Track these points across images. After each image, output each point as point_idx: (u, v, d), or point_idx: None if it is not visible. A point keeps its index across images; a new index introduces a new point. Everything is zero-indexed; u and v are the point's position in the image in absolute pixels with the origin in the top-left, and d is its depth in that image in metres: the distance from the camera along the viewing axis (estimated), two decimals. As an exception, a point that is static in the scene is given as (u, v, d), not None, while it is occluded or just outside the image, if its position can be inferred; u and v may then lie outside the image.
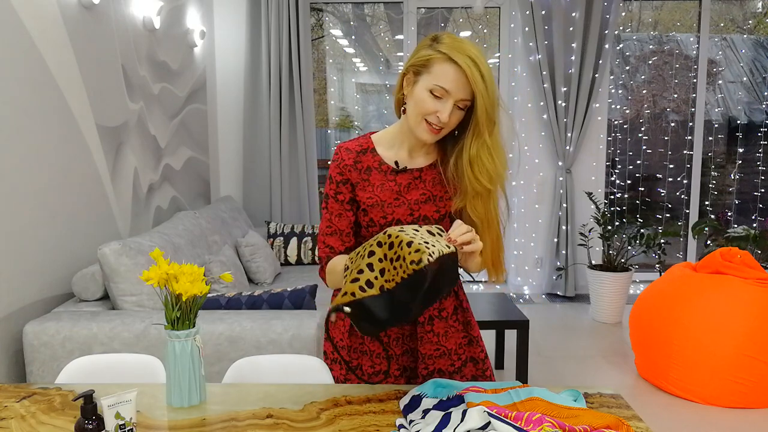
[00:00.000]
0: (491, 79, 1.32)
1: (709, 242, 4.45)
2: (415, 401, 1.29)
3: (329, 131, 5.29)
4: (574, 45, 4.62)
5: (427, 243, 1.17)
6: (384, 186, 1.44)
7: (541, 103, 4.74)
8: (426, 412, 1.23)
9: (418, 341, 1.50)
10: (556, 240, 4.85)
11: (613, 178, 5.19)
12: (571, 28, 4.63)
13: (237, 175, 4.91)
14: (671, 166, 5.20)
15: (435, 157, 1.48)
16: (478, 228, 1.41)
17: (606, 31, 4.62)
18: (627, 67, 5.30)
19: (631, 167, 5.21)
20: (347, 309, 1.16)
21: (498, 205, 1.42)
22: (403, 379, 1.52)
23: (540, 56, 4.62)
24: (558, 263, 4.86)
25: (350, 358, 1.51)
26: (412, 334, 1.51)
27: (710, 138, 5.16)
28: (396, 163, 1.45)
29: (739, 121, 5.34)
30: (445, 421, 1.15)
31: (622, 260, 4.28)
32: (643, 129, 5.20)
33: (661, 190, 5.25)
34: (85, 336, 2.22)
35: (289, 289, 2.51)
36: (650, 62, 5.23)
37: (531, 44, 4.65)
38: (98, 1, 2.76)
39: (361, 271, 1.18)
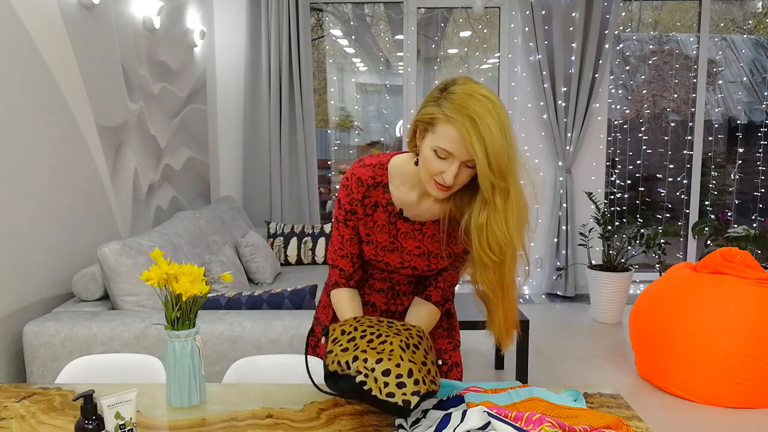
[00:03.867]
0: (497, 138, 1.17)
1: (709, 242, 4.45)
2: (415, 401, 1.29)
3: (329, 131, 5.29)
4: (574, 45, 4.62)
5: (416, 380, 1.15)
6: (384, 228, 1.42)
7: (541, 103, 4.74)
8: (426, 411, 1.23)
9: None
10: (556, 240, 4.85)
11: (613, 178, 5.19)
12: (571, 28, 4.63)
13: (237, 175, 4.91)
14: (671, 166, 5.20)
15: (443, 210, 1.39)
16: (490, 299, 1.33)
17: (606, 31, 4.62)
18: (627, 67, 5.30)
19: (631, 167, 5.21)
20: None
21: (514, 267, 1.31)
22: None
23: (540, 56, 4.62)
24: (558, 263, 4.86)
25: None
26: None
27: (710, 138, 5.16)
28: (401, 210, 1.41)
29: (739, 121, 5.34)
30: (445, 421, 1.15)
31: (622, 260, 4.28)
32: (643, 129, 5.20)
33: (661, 190, 5.25)
34: (85, 336, 2.22)
35: (289, 289, 2.51)
36: (650, 62, 5.23)
37: (531, 44, 4.65)
38: (98, 1, 2.76)
39: (355, 357, 1.21)
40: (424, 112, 1.25)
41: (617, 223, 4.90)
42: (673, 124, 5.18)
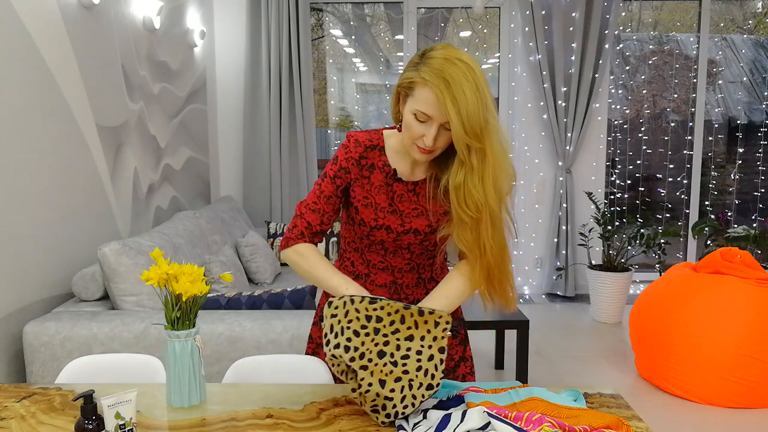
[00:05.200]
0: (471, 101, 1.22)
1: (709, 242, 4.45)
2: (415, 401, 1.29)
3: (329, 131, 5.29)
4: (574, 45, 4.62)
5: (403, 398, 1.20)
6: (381, 189, 1.44)
7: (541, 103, 4.74)
8: (426, 412, 1.23)
9: None
10: (556, 240, 4.85)
11: (613, 178, 5.19)
12: (571, 28, 4.63)
13: (237, 175, 4.91)
14: (671, 166, 5.20)
15: (432, 172, 1.44)
16: (469, 257, 1.36)
17: (606, 31, 4.62)
18: (627, 67, 5.30)
19: (631, 167, 5.21)
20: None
21: (497, 229, 1.33)
22: None
23: (540, 56, 4.62)
24: (558, 263, 4.86)
25: None
26: None
27: (710, 138, 5.16)
28: (395, 171, 1.44)
29: (739, 121, 5.34)
30: (445, 421, 1.15)
31: (622, 260, 4.28)
32: (643, 129, 5.20)
33: (661, 190, 5.25)
34: (85, 336, 2.22)
35: (289, 289, 2.51)
36: (650, 62, 5.23)
37: (531, 44, 4.65)
38: (98, 1, 2.76)
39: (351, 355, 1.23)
40: (404, 77, 1.32)
41: (617, 223, 4.90)
42: (673, 124, 5.18)
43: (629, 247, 4.27)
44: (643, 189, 5.27)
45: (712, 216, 5.17)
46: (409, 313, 1.26)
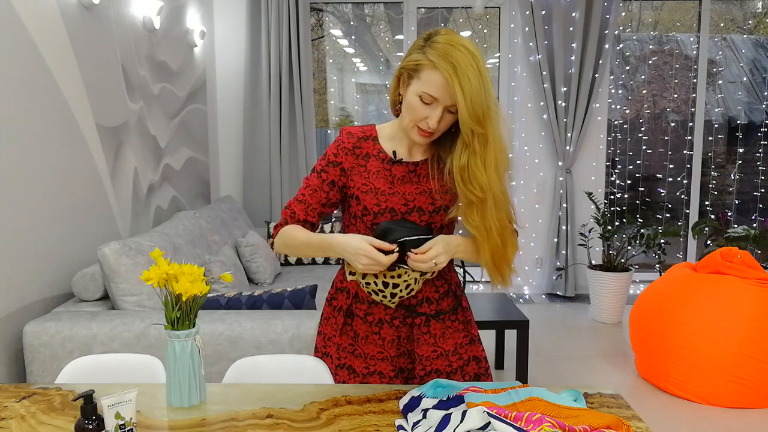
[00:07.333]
0: (475, 88, 1.27)
1: (709, 242, 4.45)
2: (415, 401, 1.29)
3: (329, 131, 5.29)
4: (574, 45, 4.62)
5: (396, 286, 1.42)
6: (379, 174, 1.45)
7: (541, 103, 4.74)
8: (425, 411, 1.23)
9: (414, 343, 1.50)
10: (556, 240, 4.85)
11: (613, 178, 5.19)
12: (571, 28, 4.63)
13: (237, 175, 4.91)
14: (671, 166, 5.19)
15: (432, 153, 1.48)
16: (476, 239, 1.41)
17: (606, 31, 4.63)
18: (627, 67, 5.30)
19: (631, 167, 5.21)
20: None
21: (500, 210, 1.39)
22: (399, 380, 1.51)
23: (540, 56, 4.62)
24: (558, 263, 4.86)
25: (339, 355, 1.52)
26: (408, 336, 1.50)
27: (710, 138, 5.16)
28: (394, 152, 1.46)
29: (739, 121, 5.34)
30: (445, 421, 1.15)
31: (622, 260, 4.28)
32: (643, 129, 5.20)
33: (661, 190, 5.25)
34: (85, 336, 2.22)
35: (289, 289, 2.51)
36: (650, 62, 5.23)
37: (531, 44, 4.65)
38: (98, 1, 2.76)
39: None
40: (410, 59, 1.35)
41: (617, 223, 4.90)
42: (673, 124, 5.18)
43: (629, 247, 4.27)
44: (643, 189, 5.27)
45: (712, 216, 5.17)
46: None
